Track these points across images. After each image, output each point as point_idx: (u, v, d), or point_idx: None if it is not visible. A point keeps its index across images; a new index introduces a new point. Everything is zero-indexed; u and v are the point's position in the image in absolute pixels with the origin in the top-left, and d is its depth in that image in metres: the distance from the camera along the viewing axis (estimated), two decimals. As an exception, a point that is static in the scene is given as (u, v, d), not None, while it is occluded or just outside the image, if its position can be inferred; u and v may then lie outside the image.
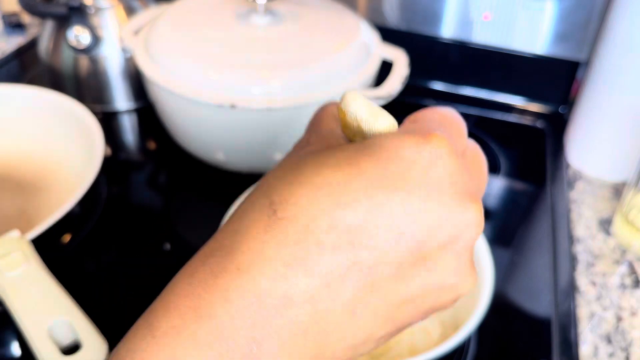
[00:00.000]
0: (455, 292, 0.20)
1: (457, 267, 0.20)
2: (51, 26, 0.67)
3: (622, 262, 0.52)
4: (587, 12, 0.66)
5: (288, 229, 0.18)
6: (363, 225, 0.18)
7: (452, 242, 0.19)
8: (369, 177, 0.19)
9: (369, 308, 0.19)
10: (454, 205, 0.19)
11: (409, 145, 0.19)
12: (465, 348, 0.44)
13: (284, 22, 0.58)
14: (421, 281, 0.19)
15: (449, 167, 0.19)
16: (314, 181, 0.19)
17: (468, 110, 0.73)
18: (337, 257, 0.18)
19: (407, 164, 0.19)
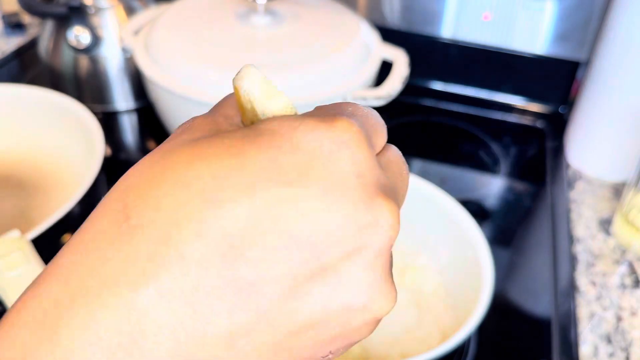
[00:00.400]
0: (369, 314, 0.16)
1: (368, 282, 0.15)
2: (51, 26, 0.67)
3: (622, 262, 0.52)
4: (587, 12, 0.66)
5: (142, 239, 0.14)
6: (242, 231, 0.14)
7: (360, 250, 0.15)
8: (253, 170, 0.15)
9: (253, 338, 0.15)
10: (361, 204, 0.15)
11: (308, 130, 0.15)
12: (465, 348, 0.44)
13: (284, 22, 0.58)
14: (321, 300, 0.15)
15: (356, 157, 0.15)
16: (182, 176, 0.15)
17: (468, 110, 0.73)
18: (205, 273, 0.14)
19: (304, 153, 0.15)
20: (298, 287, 0.15)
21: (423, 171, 0.65)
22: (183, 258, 0.14)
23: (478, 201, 0.60)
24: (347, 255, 0.15)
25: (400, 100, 0.58)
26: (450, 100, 0.75)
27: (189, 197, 0.14)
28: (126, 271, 0.14)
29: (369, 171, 0.16)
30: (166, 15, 0.59)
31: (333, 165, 0.15)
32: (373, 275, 0.16)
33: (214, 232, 0.14)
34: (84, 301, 0.14)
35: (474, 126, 0.70)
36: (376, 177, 0.16)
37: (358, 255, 0.15)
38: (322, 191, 0.15)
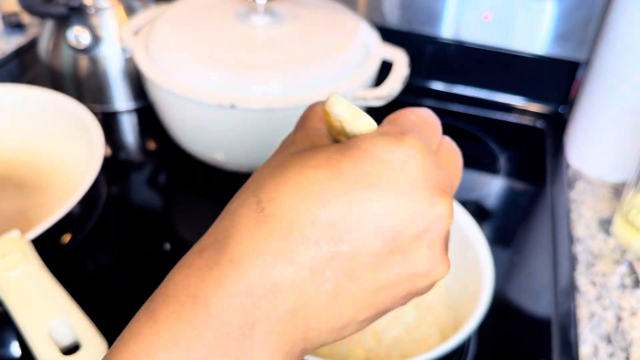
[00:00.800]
0: (430, 279, 0.22)
1: (430, 256, 0.22)
2: (51, 26, 0.67)
3: (622, 262, 0.52)
4: (587, 12, 0.66)
5: (275, 225, 0.20)
6: (343, 220, 0.20)
7: (425, 233, 0.21)
8: (347, 176, 0.21)
9: (349, 295, 0.21)
10: (425, 199, 0.21)
11: (383, 146, 0.21)
12: (465, 348, 0.44)
13: (283, 22, 0.58)
14: (397, 269, 0.21)
15: (421, 165, 0.21)
16: (297, 180, 0.21)
17: (468, 110, 0.73)
18: (319, 249, 0.20)
19: (382, 163, 0.21)
20: (381, 259, 0.21)
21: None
22: (304, 238, 0.20)
23: (478, 201, 0.60)
24: (416, 237, 0.21)
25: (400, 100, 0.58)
26: (450, 100, 0.75)
27: (304, 196, 0.20)
28: (267, 246, 0.20)
29: (432, 175, 0.21)
30: (166, 15, 0.59)
31: (404, 172, 0.21)
32: (433, 251, 0.22)
33: (323, 221, 0.20)
34: (239, 262, 0.20)
35: (474, 126, 0.70)
36: (437, 179, 0.22)
37: (424, 237, 0.21)
38: (397, 190, 0.21)
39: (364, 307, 0.22)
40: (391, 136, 0.21)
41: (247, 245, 0.20)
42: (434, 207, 0.21)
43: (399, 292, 0.22)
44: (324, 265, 0.20)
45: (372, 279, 0.21)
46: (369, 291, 0.21)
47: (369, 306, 0.22)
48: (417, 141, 0.21)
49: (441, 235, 0.22)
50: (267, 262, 0.20)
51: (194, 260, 0.21)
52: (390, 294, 0.22)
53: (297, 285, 0.20)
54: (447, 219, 0.21)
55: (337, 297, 0.21)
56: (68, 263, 0.50)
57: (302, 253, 0.20)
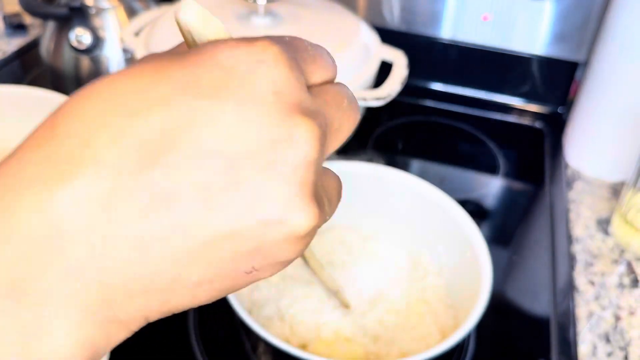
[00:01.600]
0: (286, 228, 0.16)
1: (283, 196, 0.16)
2: (52, 27, 0.67)
3: (621, 262, 0.52)
4: (586, 12, 0.67)
5: (62, 144, 0.15)
6: (158, 139, 0.15)
7: (275, 164, 0.16)
8: (173, 83, 0.15)
9: (166, 245, 0.15)
10: (275, 118, 0.16)
11: (228, 49, 0.16)
12: (465, 347, 0.45)
13: (284, 24, 0.58)
14: (235, 210, 0.16)
15: (274, 75, 0.16)
16: (110, 89, 0.15)
17: (467, 110, 0.74)
18: (119, 176, 0.15)
19: (222, 70, 0.16)
20: (212, 197, 0.15)
21: (422, 171, 0.65)
22: (98, 162, 0.15)
23: (477, 201, 0.60)
24: (262, 169, 0.16)
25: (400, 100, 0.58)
26: (449, 101, 0.75)
27: (110, 108, 0.15)
28: (45, 172, 0.15)
29: (288, 90, 0.16)
30: (167, 16, 0.60)
31: (250, 81, 0.16)
32: (289, 190, 0.16)
33: (129, 139, 0.15)
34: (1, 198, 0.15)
35: (473, 127, 0.71)
36: (296, 97, 0.16)
37: (273, 170, 0.16)
38: (237, 105, 0.15)
39: (192, 263, 0.16)
40: (241, 39, 0.16)
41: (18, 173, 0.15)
42: (286, 129, 0.16)
43: (243, 246, 0.16)
44: (126, 199, 0.15)
45: (200, 222, 0.15)
46: (196, 240, 0.15)
47: (200, 263, 0.16)
48: (275, 48, 0.16)
49: (300, 170, 0.16)
50: (41, 195, 0.14)
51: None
52: (230, 249, 0.16)
53: (86, 227, 0.15)
54: (304, 146, 0.16)
55: (147, 246, 0.15)
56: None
57: (93, 181, 0.15)
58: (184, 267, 0.16)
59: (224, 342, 0.44)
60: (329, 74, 0.19)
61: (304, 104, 0.17)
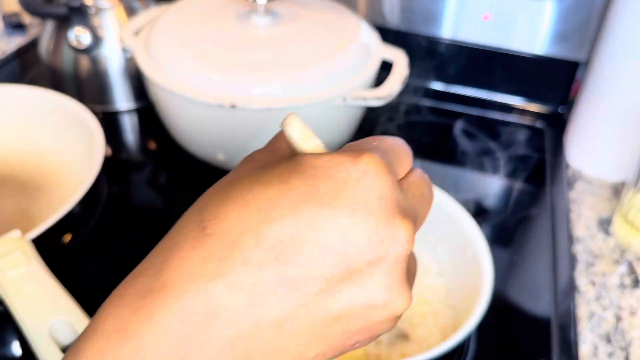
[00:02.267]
0: (388, 311, 0.20)
1: (387, 284, 0.19)
2: (52, 26, 0.67)
3: (622, 262, 0.52)
4: (587, 12, 0.66)
5: (215, 245, 0.18)
6: (290, 240, 0.18)
7: (381, 259, 0.19)
8: (297, 193, 0.19)
9: (296, 325, 0.19)
10: (382, 221, 0.19)
11: (338, 163, 0.19)
12: (465, 348, 0.45)
13: (284, 23, 0.58)
14: (349, 297, 0.19)
15: (378, 183, 0.19)
16: (244, 197, 0.19)
17: (468, 110, 0.73)
18: (262, 272, 0.18)
19: (336, 181, 0.19)
20: (331, 286, 0.19)
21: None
22: (245, 259, 0.18)
23: (478, 201, 0.60)
24: (371, 263, 0.19)
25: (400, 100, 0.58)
26: (450, 100, 0.75)
27: (250, 213, 0.19)
28: (204, 268, 0.18)
29: (390, 195, 0.19)
30: (166, 15, 0.60)
31: (359, 190, 0.19)
32: (391, 279, 0.19)
33: (268, 241, 0.18)
34: (171, 290, 0.18)
35: (474, 126, 0.70)
36: (396, 200, 0.20)
37: (380, 263, 0.19)
38: (351, 211, 0.19)
39: (313, 340, 0.19)
40: (347, 154, 0.20)
41: (182, 268, 0.18)
42: (390, 229, 0.19)
43: (353, 326, 0.20)
44: (267, 289, 0.18)
45: (321, 307, 0.19)
46: (317, 322, 0.19)
47: (318, 340, 0.19)
48: (376, 159, 0.20)
49: (400, 263, 0.19)
50: (202, 286, 0.18)
51: (127, 289, 0.19)
52: (343, 327, 0.20)
53: (235, 313, 0.18)
54: (405, 244, 0.19)
55: (281, 327, 0.19)
56: (69, 263, 0.50)
57: (241, 276, 0.18)
58: (307, 344, 0.19)
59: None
60: (410, 164, 0.23)
61: (401, 204, 0.20)
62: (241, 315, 0.18)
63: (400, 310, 0.20)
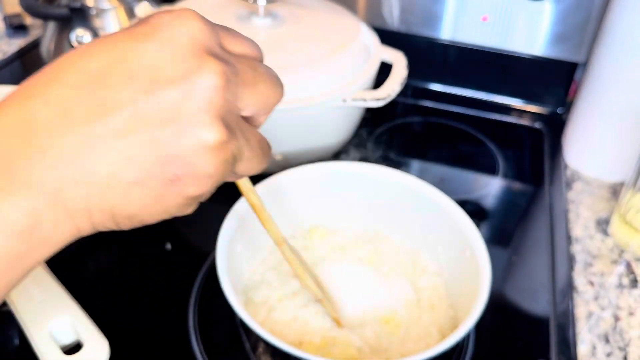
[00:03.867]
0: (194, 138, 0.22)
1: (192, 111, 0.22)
2: (53, 28, 0.67)
3: (620, 262, 0.53)
4: (586, 13, 0.67)
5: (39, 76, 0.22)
6: (104, 69, 0.22)
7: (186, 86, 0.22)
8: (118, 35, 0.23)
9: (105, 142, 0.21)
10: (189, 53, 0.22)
11: (157, 14, 0.23)
12: (464, 347, 0.45)
13: (284, 24, 0.58)
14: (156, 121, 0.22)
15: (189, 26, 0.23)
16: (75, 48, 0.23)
17: (466, 111, 0.74)
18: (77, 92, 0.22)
19: (151, 25, 0.23)
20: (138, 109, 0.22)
21: (422, 172, 0.65)
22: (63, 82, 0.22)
23: (476, 201, 0.60)
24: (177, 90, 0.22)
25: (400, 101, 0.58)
26: (448, 102, 0.75)
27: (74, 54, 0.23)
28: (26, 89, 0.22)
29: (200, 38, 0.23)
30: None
31: (169, 29, 0.23)
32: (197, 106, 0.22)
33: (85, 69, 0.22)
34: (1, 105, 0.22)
35: (473, 127, 0.71)
36: (207, 44, 0.23)
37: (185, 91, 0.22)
38: (159, 44, 0.22)
39: (123, 161, 0.22)
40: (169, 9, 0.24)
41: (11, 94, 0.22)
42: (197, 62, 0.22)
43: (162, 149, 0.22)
44: (80, 107, 0.21)
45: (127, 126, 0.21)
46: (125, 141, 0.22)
47: (129, 162, 0.22)
48: (191, 11, 0.23)
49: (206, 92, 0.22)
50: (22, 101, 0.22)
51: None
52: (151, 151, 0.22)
53: (50, 124, 0.21)
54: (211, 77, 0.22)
55: (89, 141, 0.21)
56: (69, 263, 0.50)
57: (58, 94, 0.21)
58: (117, 165, 0.22)
59: (224, 342, 0.44)
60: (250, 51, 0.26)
61: (213, 50, 0.23)
62: (54, 126, 0.21)
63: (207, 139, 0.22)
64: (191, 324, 0.45)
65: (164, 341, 0.44)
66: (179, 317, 0.45)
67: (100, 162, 0.21)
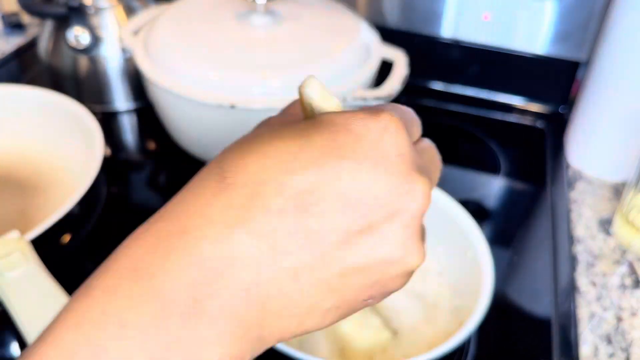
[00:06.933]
0: (403, 266, 0.20)
1: (403, 240, 0.20)
2: (51, 26, 0.67)
3: (622, 262, 0.52)
4: (587, 11, 0.66)
5: (235, 193, 0.19)
6: (310, 191, 0.19)
7: (399, 213, 0.19)
8: (318, 147, 0.19)
9: (313, 275, 0.19)
10: (401, 176, 0.20)
11: (358, 119, 0.20)
12: (466, 348, 0.44)
13: (283, 23, 0.58)
14: (367, 250, 0.19)
15: (397, 140, 0.20)
16: (265, 150, 0.19)
17: (468, 110, 0.73)
18: (282, 220, 0.18)
19: (356, 136, 0.19)
20: (349, 238, 0.19)
21: (423, 171, 0.65)
22: (265, 208, 0.18)
23: (478, 201, 0.60)
24: (389, 217, 0.19)
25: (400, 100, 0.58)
26: (450, 100, 0.75)
27: (270, 165, 0.19)
28: (224, 215, 0.18)
29: (407, 152, 0.20)
30: (166, 15, 0.59)
31: (379, 145, 0.20)
32: (408, 234, 0.20)
33: (290, 191, 0.18)
34: (191, 234, 0.18)
35: (474, 126, 0.70)
36: (412, 157, 0.20)
37: (397, 217, 0.20)
38: (371, 165, 0.19)
39: (329, 291, 0.20)
40: (367, 112, 0.20)
41: (202, 214, 0.18)
42: (409, 184, 0.20)
43: (369, 279, 0.20)
44: (286, 238, 0.18)
45: (339, 259, 0.19)
46: (334, 273, 0.19)
47: (334, 291, 0.20)
48: (394, 117, 0.20)
49: (416, 219, 0.20)
50: (222, 232, 0.18)
51: (143, 233, 0.19)
52: (358, 280, 0.20)
53: (254, 259, 0.18)
54: (423, 200, 0.20)
55: (298, 276, 0.19)
56: (68, 263, 0.50)
57: (262, 223, 0.18)
58: (323, 294, 0.20)
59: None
60: (419, 132, 0.24)
61: (418, 163, 0.21)
62: (259, 263, 0.18)
63: (414, 265, 0.20)
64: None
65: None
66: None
67: (306, 294, 0.19)
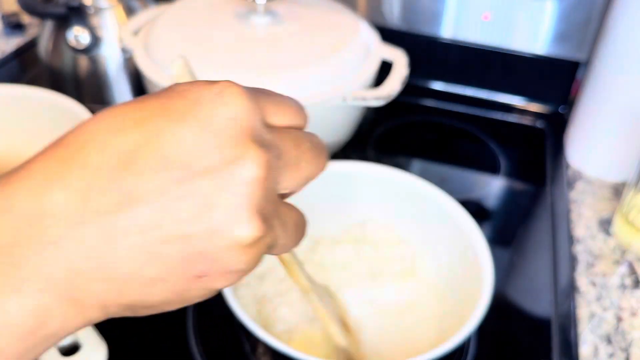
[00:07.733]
0: (231, 237, 0.19)
1: (229, 207, 0.19)
2: (51, 26, 0.67)
3: (622, 263, 0.52)
4: (587, 11, 0.66)
5: (61, 149, 0.19)
6: (131, 151, 0.19)
7: (225, 179, 0.19)
8: (149, 109, 0.19)
9: (128, 238, 0.18)
10: (230, 140, 0.19)
11: (195, 86, 0.20)
12: (465, 348, 0.44)
13: (283, 22, 0.58)
14: (186, 216, 0.19)
15: (231, 105, 0.19)
16: (101, 114, 0.20)
17: (468, 110, 0.73)
18: (97, 177, 0.18)
19: (189, 101, 0.19)
20: (168, 202, 0.18)
21: (423, 171, 0.65)
22: (84, 164, 0.19)
23: (478, 201, 0.60)
24: (213, 183, 0.19)
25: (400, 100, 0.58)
26: (450, 100, 0.74)
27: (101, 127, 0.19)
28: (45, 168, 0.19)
29: (243, 118, 0.20)
30: (166, 15, 0.59)
31: (210, 109, 0.19)
32: (234, 202, 0.19)
33: (111, 149, 0.19)
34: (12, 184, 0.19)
35: (474, 126, 0.70)
36: (251, 127, 0.20)
37: (222, 184, 0.19)
38: (197, 126, 0.19)
39: (148, 259, 0.19)
40: (206, 81, 0.20)
41: (27, 168, 0.19)
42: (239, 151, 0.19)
43: (191, 248, 0.19)
44: (100, 196, 0.18)
45: (156, 222, 0.18)
46: (152, 238, 0.18)
47: (154, 259, 0.19)
48: (234, 85, 0.20)
49: (250, 188, 0.19)
50: (40, 184, 0.18)
51: None
52: (179, 249, 0.19)
53: (64, 214, 0.18)
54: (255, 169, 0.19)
55: (111, 237, 0.18)
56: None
57: (76, 179, 0.18)
58: (139, 262, 0.19)
59: (222, 343, 0.44)
60: (295, 120, 0.23)
61: (257, 133, 0.20)
62: (68, 217, 0.18)
63: (242, 237, 0.19)
64: (190, 325, 0.44)
65: (162, 343, 0.43)
66: (177, 318, 0.45)
67: (121, 259, 0.19)
